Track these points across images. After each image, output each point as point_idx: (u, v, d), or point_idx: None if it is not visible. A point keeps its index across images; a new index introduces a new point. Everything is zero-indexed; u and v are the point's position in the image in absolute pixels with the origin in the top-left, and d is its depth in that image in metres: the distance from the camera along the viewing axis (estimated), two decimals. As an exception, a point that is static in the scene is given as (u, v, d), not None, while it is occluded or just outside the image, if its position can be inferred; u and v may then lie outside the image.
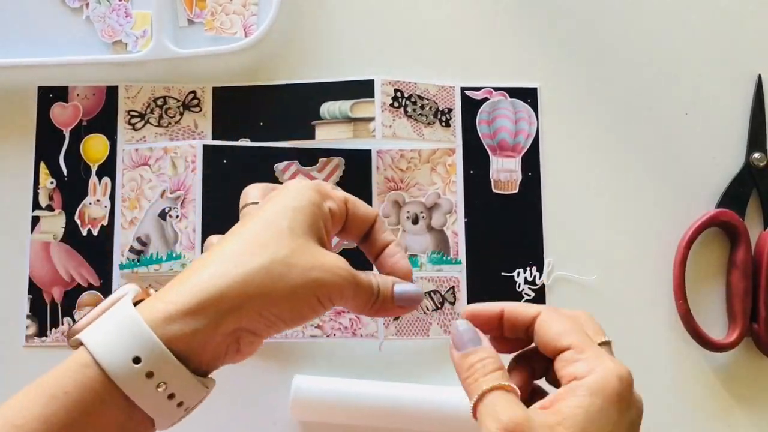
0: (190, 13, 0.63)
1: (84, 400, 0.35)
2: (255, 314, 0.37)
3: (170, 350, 0.35)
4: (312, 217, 0.40)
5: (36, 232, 0.61)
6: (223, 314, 0.36)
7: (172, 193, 0.60)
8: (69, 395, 0.34)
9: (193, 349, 0.36)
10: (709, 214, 0.60)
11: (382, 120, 0.61)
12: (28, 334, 0.60)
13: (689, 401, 0.59)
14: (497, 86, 0.63)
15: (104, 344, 0.35)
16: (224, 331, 0.37)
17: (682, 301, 0.59)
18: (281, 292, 0.37)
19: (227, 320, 0.36)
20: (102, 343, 0.35)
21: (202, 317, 0.36)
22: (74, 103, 0.62)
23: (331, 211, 0.41)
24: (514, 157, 0.62)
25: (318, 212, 0.40)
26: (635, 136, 0.62)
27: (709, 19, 0.64)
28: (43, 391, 0.35)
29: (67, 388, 0.35)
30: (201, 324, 0.36)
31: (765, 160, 0.61)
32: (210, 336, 0.36)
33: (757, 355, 0.60)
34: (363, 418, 0.57)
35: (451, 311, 0.60)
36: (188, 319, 0.36)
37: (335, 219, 0.41)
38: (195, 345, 0.36)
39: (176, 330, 0.36)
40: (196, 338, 0.36)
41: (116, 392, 0.35)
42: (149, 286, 0.40)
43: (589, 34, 0.64)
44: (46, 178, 0.61)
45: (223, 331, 0.36)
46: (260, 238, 0.38)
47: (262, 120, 0.62)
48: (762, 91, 0.63)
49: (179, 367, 0.36)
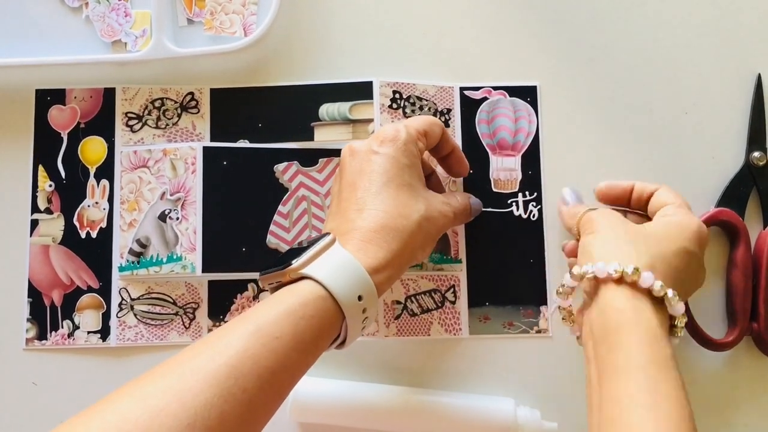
0: (189, 13, 0.63)
1: (322, 324, 0.45)
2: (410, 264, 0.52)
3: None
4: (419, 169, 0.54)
5: (35, 235, 0.61)
6: (402, 268, 0.51)
7: (172, 195, 0.60)
8: (312, 319, 0.45)
9: (382, 291, 0.49)
10: (709, 214, 0.60)
11: (381, 121, 0.61)
12: (28, 337, 0.60)
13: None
14: (496, 85, 0.63)
15: (336, 283, 0.46)
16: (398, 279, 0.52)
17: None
18: (425, 239, 0.52)
19: (403, 272, 0.51)
20: (334, 281, 0.46)
21: (392, 270, 0.49)
22: (72, 106, 0.62)
23: (420, 151, 0.54)
24: (514, 155, 0.62)
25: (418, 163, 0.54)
26: (635, 135, 0.62)
27: (709, 19, 0.64)
28: (293, 315, 0.44)
29: (310, 313, 0.45)
30: (391, 275, 0.49)
31: (765, 159, 0.61)
32: (393, 282, 0.50)
33: (757, 354, 0.60)
34: (362, 421, 0.57)
35: (452, 310, 0.60)
36: (385, 272, 0.49)
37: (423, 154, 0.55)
38: (385, 288, 0.49)
39: (380, 278, 0.48)
40: (387, 284, 0.49)
41: (341, 319, 0.46)
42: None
43: (588, 32, 0.64)
44: (44, 181, 0.61)
45: (398, 279, 0.51)
46: (406, 206, 0.51)
47: (261, 121, 0.62)
48: (762, 90, 0.62)
49: (378, 304, 0.48)
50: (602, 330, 0.47)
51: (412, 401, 0.57)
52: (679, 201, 0.54)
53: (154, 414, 0.39)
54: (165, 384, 0.40)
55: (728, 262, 0.61)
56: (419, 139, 0.54)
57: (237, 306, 0.60)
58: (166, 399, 0.39)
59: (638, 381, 0.43)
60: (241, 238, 0.60)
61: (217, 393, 0.40)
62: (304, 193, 0.61)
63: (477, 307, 0.60)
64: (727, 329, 0.60)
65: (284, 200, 0.61)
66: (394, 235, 0.49)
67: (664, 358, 0.44)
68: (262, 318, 0.44)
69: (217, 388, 0.40)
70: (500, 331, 0.60)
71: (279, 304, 0.45)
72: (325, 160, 0.61)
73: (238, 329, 0.43)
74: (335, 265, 0.47)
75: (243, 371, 0.41)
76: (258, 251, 0.60)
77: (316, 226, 0.61)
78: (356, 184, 0.51)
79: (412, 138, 0.53)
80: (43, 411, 0.59)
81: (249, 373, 0.41)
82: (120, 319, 0.60)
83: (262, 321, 0.43)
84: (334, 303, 0.46)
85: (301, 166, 0.61)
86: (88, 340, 0.60)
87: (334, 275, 0.46)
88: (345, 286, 0.46)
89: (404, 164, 0.52)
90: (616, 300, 0.47)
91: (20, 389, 0.59)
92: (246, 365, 0.41)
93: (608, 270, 0.47)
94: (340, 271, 0.46)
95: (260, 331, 0.43)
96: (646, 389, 0.43)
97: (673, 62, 0.63)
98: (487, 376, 0.59)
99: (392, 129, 0.53)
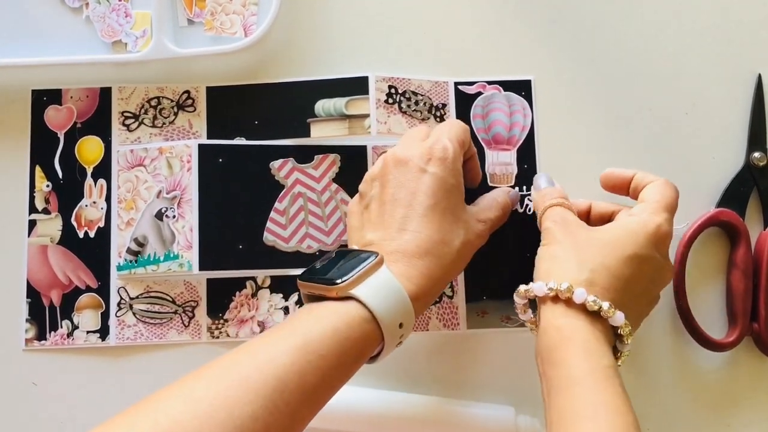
0: (189, 13, 0.63)
1: (365, 346, 0.46)
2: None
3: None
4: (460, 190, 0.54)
5: (33, 236, 0.61)
6: (438, 293, 0.52)
7: (168, 194, 0.60)
8: (357, 341, 0.46)
9: (418, 316, 0.50)
10: (709, 214, 0.60)
11: (376, 116, 0.61)
12: (27, 337, 0.60)
13: (689, 401, 0.60)
14: (491, 80, 0.63)
15: (382, 309, 0.46)
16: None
17: (682, 301, 0.59)
18: (462, 263, 0.53)
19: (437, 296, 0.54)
20: (381, 308, 0.46)
21: (431, 297, 0.51)
22: (68, 106, 0.62)
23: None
24: (509, 150, 0.62)
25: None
26: (634, 135, 0.62)
27: (709, 19, 0.64)
28: (339, 335, 0.45)
29: (356, 336, 0.46)
30: (428, 301, 0.51)
31: (765, 159, 0.61)
32: (428, 307, 0.54)
33: (757, 354, 0.60)
34: (358, 425, 0.57)
35: (450, 305, 0.60)
36: (425, 299, 0.50)
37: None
38: (421, 313, 0.51)
39: (419, 305, 0.49)
40: (424, 310, 0.51)
41: (380, 340, 0.47)
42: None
43: (584, 26, 0.64)
44: (41, 181, 0.61)
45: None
46: (449, 232, 0.51)
47: (257, 119, 0.62)
48: (762, 90, 0.62)
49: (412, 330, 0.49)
50: (546, 348, 0.48)
51: (409, 405, 0.57)
52: (658, 199, 0.53)
53: (203, 420, 0.39)
54: (214, 390, 0.41)
55: (728, 263, 0.61)
56: (462, 153, 0.54)
57: (236, 304, 0.60)
58: (215, 406, 0.40)
59: (578, 394, 0.45)
60: (237, 236, 0.60)
61: (263, 405, 0.41)
62: (301, 190, 0.61)
63: (474, 301, 0.60)
64: (727, 329, 0.60)
65: (280, 197, 0.61)
66: (436, 263, 0.50)
67: (603, 368, 0.46)
68: (309, 334, 0.44)
69: (263, 400, 0.41)
70: (498, 325, 0.60)
71: (326, 322, 0.45)
72: (321, 156, 0.61)
73: (285, 342, 0.44)
74: (382, 290, 0.47)
75: (289, 386, 0.42)
76: (255, 248, 0.60)
77: (313, 222, 0.61)
78: (401, 201, 0.51)
79: (457, 154, 0.53)
80: (43, 411, 0.59)
81: (294, 388, 0.42)
82: (119, 319, 0.60)
83: (309, 337, 0.44)
84: (377, 327, 0.46)
85: (296, 163, 0.61)
86: (88, 339, 0.60)
87: (381, 302, 0.47)
88: (390, 314, 0.47)
89: (451, 185, 0.52)
90: (555, 318, 0.49)
91: (20, 389, 0.60)
92: (292, 380, 0.42)
93: (544, 290, 0.49)
94: (386, 297, 0.47)
95: (307, 347, 0.44)
96: (586, 402, 0.44)
97: (673, 62, 0.63)
98: (485, 372, 0.59)
99: (441, 147, 0.52)
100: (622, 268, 0.50)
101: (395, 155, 0.53)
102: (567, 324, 0.48)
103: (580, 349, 0.47)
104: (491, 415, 0.57)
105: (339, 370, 0.45)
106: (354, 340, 0.45)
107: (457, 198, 0.52)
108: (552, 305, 0.49)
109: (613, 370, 0.46)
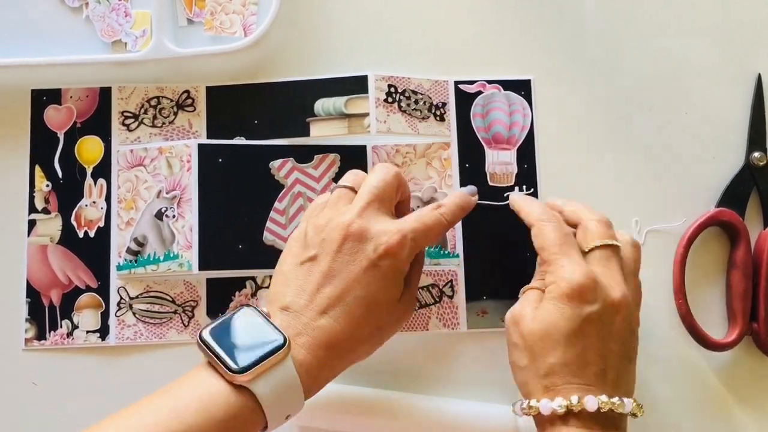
0: (189, 13, 0.63)
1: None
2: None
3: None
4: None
5: (32, 236, 0.61)
6: (331, 380, 0.50)
7: (168, 193, 0.60)
8: (237, 430, 0.45)
9: (315, 392, 0.49)
10: (709, 214, 0.60)
11: (376, 115, 0.61)
12: (27, 337, 0.60)
13: (689, 401, 0.59)
14: (491, 79, 0.63)
15: (275, 407, 0.46)
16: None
17: (682, 301, 0.59)
18: (374, 347, 0.53)
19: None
20: (273, 406, 0.46)
21: (323, 385, 0.50)
22: (68, 106, 0.62)
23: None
24: (509, 149, 0.62)
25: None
26: (634, 135, 0.62)
27: (709, 19, 0.64)
28: (223, 426, 0.44)
29: (238, 426, 0.45)
30: (320, 389, 0.49)
31: (765, 159, 0.61)
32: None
33: (757, 354, 0.60)
34: (362, 424, 0.57)
35: (450, 304, 0.60)
36: (317, 389, 0.49)
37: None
38: (319, 390, 0.49)
39: (311, 394, 0.48)
40: (323, 387, 0.50)
41: (264, 425, 0.46)
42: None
43: (584, 26, 0.64)
44: (41, 181, 0.61)
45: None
46: (362, 329, 0.50)
47: (257, 118, 0.62)
48: (762, 90, 0.62)
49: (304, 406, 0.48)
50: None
51: (413, 405, 0.57)
52: (545, 247, 0.52)
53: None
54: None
55: (728, 263, 0.60)
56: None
57: (236, 303, 0.60)
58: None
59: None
60: (237, 236, 0.60)
61: None
62: (300, 190, 0.61)
63: (474, 301, 0.60)
64: (727, 329, 0.60)
65: (280, 197, 0.61)
66: (340, 357, 0.49)
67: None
68: (192, 417, 0.44)
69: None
70: (498, 324, 0.60)
71: (214, 411, 0.45)
72: (321, 156, 0.61)
73: (168, 426, 0.44)
74: (281, 387, 0.46)
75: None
76: (255, 248, 0.60)
77: (313, 222, 0.61)
78: (338, 282, 0.49)
79: (412, 249, 0.51)
80: (43, 411, 0.59)
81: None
82: (119, 318, 0.60)
83: (191, 420, 0.44)
84: (264, 418, 0.46)
85: (296, 163, 0.61)
86: (88, 339, 0.60)
87: (276, 400, 0.46)
88: (282, 410, 0.46)
89: (393, 278, 0.51)
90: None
91: (20, 389, 0.60)
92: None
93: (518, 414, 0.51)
94: (282, 394, 0.46)
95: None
96: None
97: (673, 62, 0.63)
98: (485, 372, 0.59)
99: (396, 240, 0.50)
100: (572, 353, 0.48)
101: (361, 229, 0.50)
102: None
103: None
104: (491, 415, 0.57)
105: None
106: (237, 429, 0.45)
107: (393, 293, 0.51)
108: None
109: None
